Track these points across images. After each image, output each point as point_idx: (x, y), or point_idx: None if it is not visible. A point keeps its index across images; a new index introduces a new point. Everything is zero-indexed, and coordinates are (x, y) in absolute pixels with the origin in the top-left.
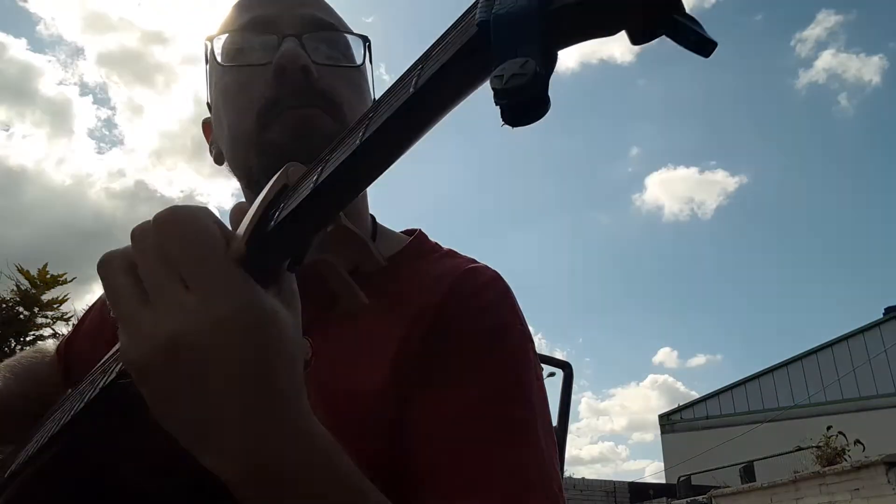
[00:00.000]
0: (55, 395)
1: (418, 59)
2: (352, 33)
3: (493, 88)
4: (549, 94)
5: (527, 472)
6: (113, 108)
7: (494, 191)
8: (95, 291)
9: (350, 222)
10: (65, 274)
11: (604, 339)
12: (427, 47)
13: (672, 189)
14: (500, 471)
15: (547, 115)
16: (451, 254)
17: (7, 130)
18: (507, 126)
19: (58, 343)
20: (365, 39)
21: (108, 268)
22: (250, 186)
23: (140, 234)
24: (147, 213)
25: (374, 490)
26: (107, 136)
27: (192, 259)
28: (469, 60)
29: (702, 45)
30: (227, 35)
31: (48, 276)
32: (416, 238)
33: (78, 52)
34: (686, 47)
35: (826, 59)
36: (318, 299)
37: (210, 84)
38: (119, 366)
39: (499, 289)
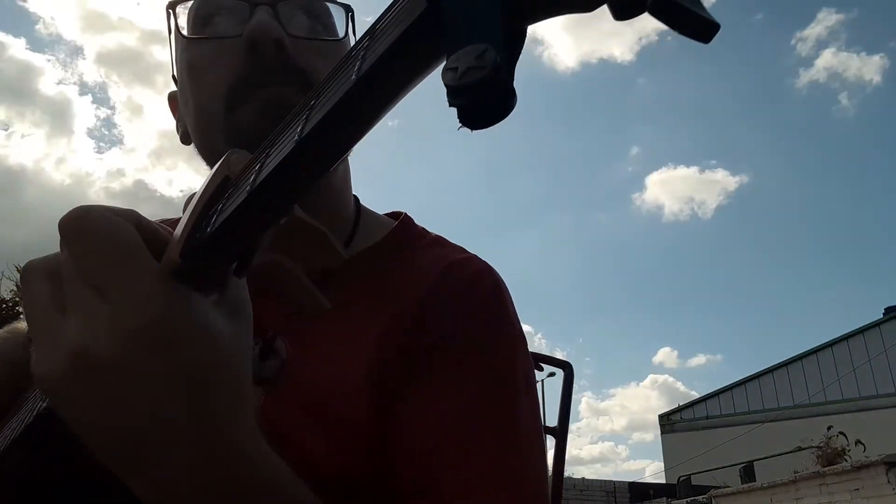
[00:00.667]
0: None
1: (364, 34)
2: (333, 1)
3: (445, 85)
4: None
5: (509, 476)
6: (112, 108)
7: (494, 191)
8: None
9: (306, 213)
10: None
11: (604, 339)
12: (377, 18)
13: (672, 189)
14: (481, 475)
15: (514, 111)
16: (439, 241)
17: (6, 130)
18: (465, 129)
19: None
20: (348, 9)
21: (29, 275)
22: (214, 162)
23: (61, 238)
24: (147, 212)
25: None
26: (106, 136)
27: (105, 266)
28: (419, 41)
29: (700, 27)
30: (192, 2)
31: None
32: (400, 223)
33: (77, 51)
34: (680, 31)
35: (826, 58)
36: (282, 301)
37: (174, 56)
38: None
39: (489, 283)
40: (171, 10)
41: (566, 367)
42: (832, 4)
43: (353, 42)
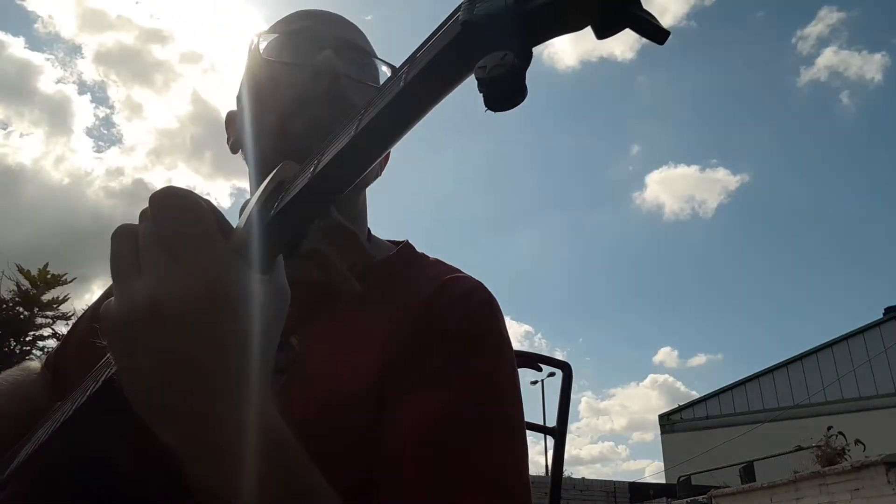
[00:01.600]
0: (45, 411)
1: (405, 60)
2: (382, 61)
3: (476, 78)
4: (533, 86)
5: (489, 478)
6: (111, 107)
7: (493, 191)
8: (95, 291)
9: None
10: (65, 274)
11: (604, 339)
12: (415, 49)
13: (672, 187)
14: (462, 476)
15: (523, 104)
16: (438, 262)
17: (5, 129)
18: (489, 112)
19: (45, 357)
20: (392, 67)
21: (118, 237)
22: (263, 173)
23: (145, 209)
24: None
25: (325, 490)
26: (105, 135)
27: (181, 235)
28: (454, 56)
29: (656, 33)
30: (275, 35)
31: (49, 276)
32: (404, 247)
33: (75, 49)
34: (643, 35)
35: (828, 57)
36: (312, 290)
37: (246, 77)
38: (111, 370)
39: (482, 297)
40: (256, 38)
41: (565, 367)
42: (833, 2)
43: None
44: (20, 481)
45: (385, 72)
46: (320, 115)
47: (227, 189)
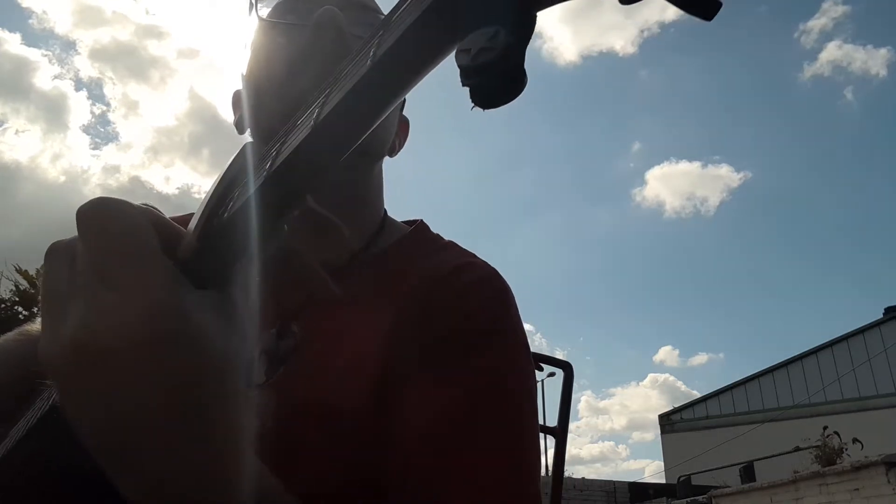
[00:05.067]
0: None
1: (379, 24)
2: None
3: (459, 66)
4: (526, 67)
5: (501, 480)
6: (107, 104)
7: (491, 188)
8: None
9: (321, 206)
10: None
11: (604, 338)
12: (392, 7)
13: (674, 184)
14: (473, 477)
15: (524, 93)
16: (450, 246)
17: (1, 126)
18: (477, 108)
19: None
20: None
21: (50, 256)
22: (267, 142)
23: (77, 226)
24: None
25: None
26: (102, 133)
27: (116, 259)
28: (433, 26)
29: (702, 4)
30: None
31: None
32: (415, 228)
33: (70, 46)
34: (683, 9)
35: (831, 51)
36: (292, 289)
37: (247, 45)
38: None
39: (495, 287)
40: (253, 1)
41: (566, 367)
42: None
43: None
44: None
45: None
46: (326, 72)
47: None
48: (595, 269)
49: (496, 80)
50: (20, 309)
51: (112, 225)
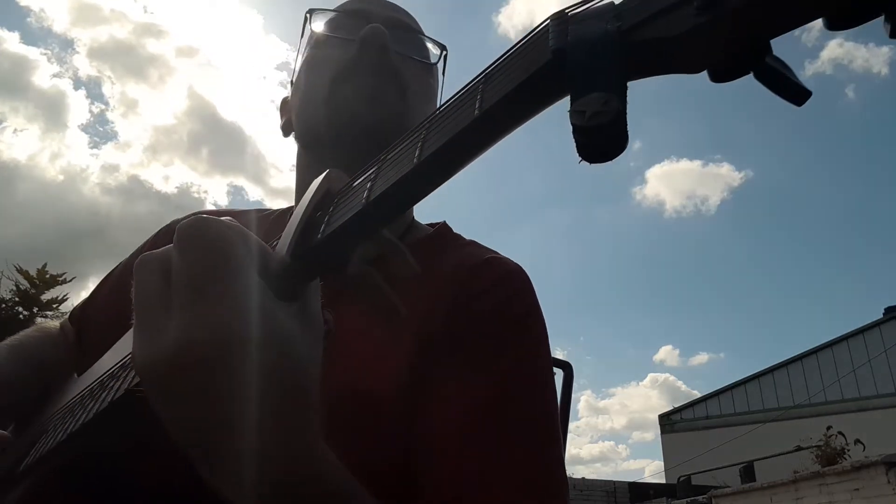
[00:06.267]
0: (58, 376)
1: (477, 79)
2: (432, 40)
3: (572, 124)
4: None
5: (535, 474)
6: (106, 103)
7: (491, 187)
8: (92, 289)
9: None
10: (64, 274)
11: (604, 337)
12: (487, 66)
13: (674, 183)
14: (501, 466)
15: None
16: (473, 243)
17: (0, 125)
18: (584, 162)
19: (71, 311)
20: (443, 47)
21: (142, 267)
22: (311, 146)
23: (176, 242)
24: (142, 209)
25: None
26: (100, 131)
27: (212, 274)
28: (539, 86)
29: (795, 93)
30: (330, 15)
31: (47, 275)
32: (439, 228)
33: (68, 44)
34: (775, 92)
35: (832, 49)
36: (362, 304)
37: (298, 56)
38: (130, 373)
39: (519, 281)
40: (308, 15)
41: (566, 367)
42: None
43: (441, 75)
44: (35, 478)
45: (432, 49)
46: (367, 84)
47: (224, 187)
48: (595, 269)
49: (606, 141)
50: (20, 309)
51: (211, 243)
